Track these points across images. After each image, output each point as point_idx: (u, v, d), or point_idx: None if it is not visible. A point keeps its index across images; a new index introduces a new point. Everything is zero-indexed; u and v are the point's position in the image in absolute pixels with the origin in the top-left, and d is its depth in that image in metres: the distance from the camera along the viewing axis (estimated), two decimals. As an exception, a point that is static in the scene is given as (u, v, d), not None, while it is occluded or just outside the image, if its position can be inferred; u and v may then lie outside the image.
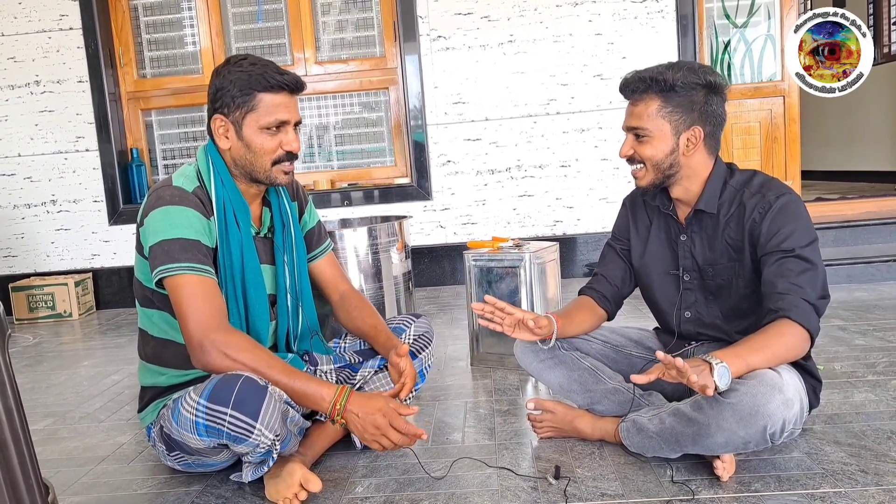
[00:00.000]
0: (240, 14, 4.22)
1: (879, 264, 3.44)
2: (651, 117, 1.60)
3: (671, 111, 1.59)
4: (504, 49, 3.95)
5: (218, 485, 1.66)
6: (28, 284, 3.95)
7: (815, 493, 1.42)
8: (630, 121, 1.64)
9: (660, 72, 1.58)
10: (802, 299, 1.47)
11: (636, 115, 1.62)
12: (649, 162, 1.63)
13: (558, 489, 1.52)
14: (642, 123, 1.61)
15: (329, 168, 4.36)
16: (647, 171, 1.65)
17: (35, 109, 4.11)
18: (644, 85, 1.60)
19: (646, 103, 1.60)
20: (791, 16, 3.97)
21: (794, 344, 1.47)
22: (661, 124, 1.59)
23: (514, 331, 1.70)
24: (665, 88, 1.58)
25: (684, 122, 1.60)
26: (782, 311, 1.47)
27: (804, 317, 1.46)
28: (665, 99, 1.58)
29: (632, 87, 1.63)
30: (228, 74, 1.59)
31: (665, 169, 1.63)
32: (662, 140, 1.60)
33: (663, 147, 1.61)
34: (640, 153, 1.63)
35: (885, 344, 2.42)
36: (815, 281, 1.51)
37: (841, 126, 6.59)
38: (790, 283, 1.49)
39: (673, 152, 1.61)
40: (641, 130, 1.61)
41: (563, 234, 4.03)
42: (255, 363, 1.48)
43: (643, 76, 1.60)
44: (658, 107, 1.59)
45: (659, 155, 1.61)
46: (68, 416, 2.28)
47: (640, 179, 1.67)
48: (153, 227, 1.55)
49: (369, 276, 2.75)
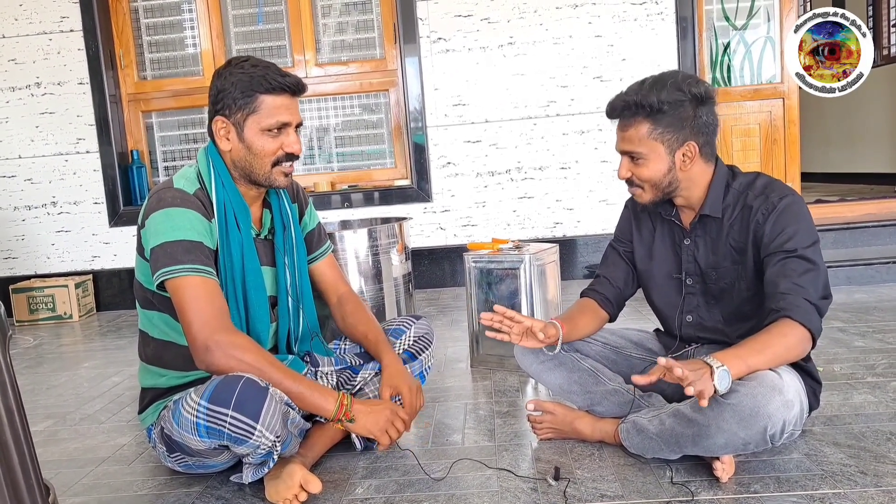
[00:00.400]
0: (240, 16, 4.23)
1: (879, 266, 3.44)
2: (643, 141, 1.58)
3: (662, 132, 1.57)
4: (504, 51, 3.96)
5: (218, 486, 1.66)
6: (28, 286, 3.95)
7: (815, 495, 1.42)
8: (623, 145, 1.63)
9: (644, 95, 1.56)
10: (804, 299, 1.47)
11: (628, 140, 1.61)
12: (647, 183, 1.63)
13: (558, 490, 1.52)
14: (635, 148, 1.60)
15: (329, 170, 4.37)
16: (645, 191, 1.64)
17: (36, 111, 4.11)
18: (630, 111, 1.58)
19: (636, 128, 1.59)
20: (791, 18, 3.98)
21: (794, 344, 1.47)
22: (654, 146, 1.58)
23: (521, 339, 1.68)
24: (652, 111, 1.56)
25: (677, 140, 1.58)
26: (784, 310, 1.48)
27: (806, 316, 1.46)
28: (654, 121, 1.57)
29: (618, 112, 1.61)
30: (230, 76, 1.60)
31: (664, 187, 1.63)
32: (658, 160, 1.59)
33: (660, 167, 1.60)
34: (637, 175, 1.63)
35: (884, 346, 2.42)
36: (817, 281, 1.51)
37: (841, 128, 6.60)
38: (792, 284, 1.49)
39: (670, 170, 1.60)
40: (635, 154, 1.60)
41: (563, 235, 4.04)
42: (259, 364, 1.48)
43: (628, 101, 1.58)
44: (648, 129, 1.57)
45: (657, 175, 1.61)
46: (69, 417, 2.29)
47: (641, 198, 1.67)
48: (154, 229, 1.55)
49: (369, 278, 2.75)
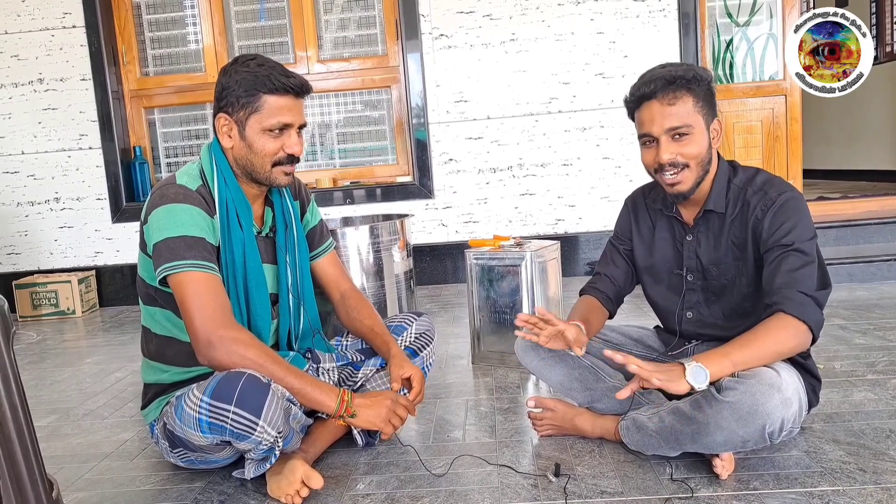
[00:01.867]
0: (242, 12, 4.23)
1: (880, 263, 3.44)
2: (691, 114, 1.58)
3: (702, 105, 1.59)
4: (506, 47, 3.96)
5: (220, 481, 1.67)
6: (31, 282, 3.96)
7: (814, 492, 1.43)
8: (669, 121, 1.58)
9: (683, 70, 1.58)
10: (799, 292, 1.47)
11: (675, 116, 1.57)
12: (695, 160, 1.59)
13: (558, 487, 1.53)
14: (686, 121, 1.57)
15: (331, 166, 4.37)
16: (689, 171, 1.60)
17: (38, 107, 4.12)
18: (675, 84, 1.57)
19: (683, 101, 1.57)
20: (793, 15, 3.97)
21: (786, 337, 1.47)
22: (698, 119, 1.59)
23: (549, 341, 1.66)
24: (694, 84, 1.57)
25: (710, 115, 1.61)
26: (776, 304, 1.48)
27: (799, 309, 1.46)
28: (695, 95, 1.58)
29: (660, 88, 1.58)
30: (235, 74, 1.60)
31: (705, 165, 1.62)
32: (702, 135, 1.60)
33: (703, 142, 1.60)
34: (684, 153, 1.59)
35: (885, 343, 2.42)
36: (814, 273, 1.50)
37: (843, 125, 6.59)
38: (788, 277, 1.49)
39: (709, 147, 1.61)
40: (685, 128, 1.57)
41: (565, 232, 4.04)
42: (262, 360, 1.49)
43: (672, 76, 1.57)
44: (693, 102, 1.58)
45: (703, 151, 1.60)
46: (72, 412, 2.30)
47: (683, 184, 1.61)
48: (157, 224, 1.55)
49: (371, 275, 2.76)
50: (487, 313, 2.48)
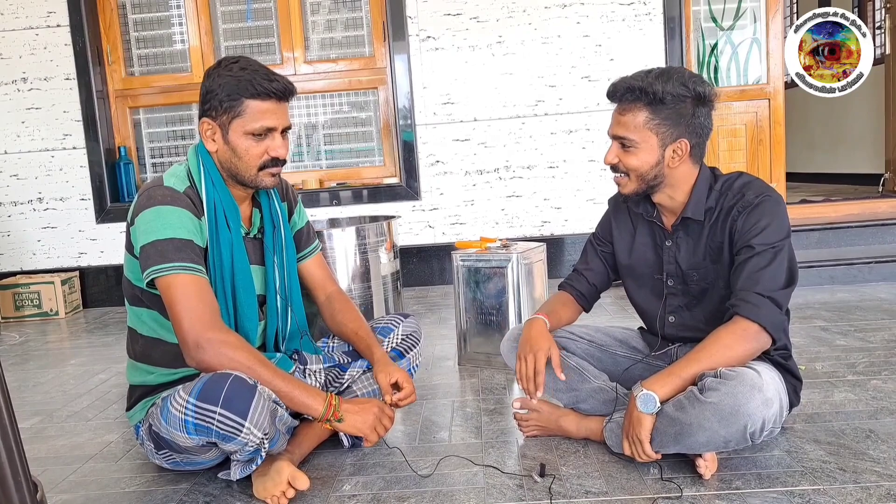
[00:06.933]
0: (229, 13, 4.22)
1: (861, 266, 3.49)
2: (638, 128, 1.57)
3: (658, 123, 1.56)
4: (493, 50, 3.97)
5: (206, 483, 1.67)
6: (14, 283, 3.93)
7: (795, 491, 1.45)
8: (616, 129, 1.61)
9: (649, 82, 1.54)
10: (755, 293, 1.50)
11: (623, 125, 1.59)
12: (633, 173, 1.61)
13: (543, 487, 1.54)
14: (629, 134, 1.58)
15: (318, 167, 4.37)
16: (630, 180, 1.63)
17: (22, 107, 4.09)
18: (633, 95, 1.56)
19: (633, 114, 1.57)
20: (777, 20, 4.02)
21: (736, 342, 1.49)
22: (647, 136, 1.57)
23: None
24: (654, 100, 1.54)
25: (671, 135, 1.57)
26: (732, 306, 1.52)
27: (753, 311, 1.49)
28: (653, 111, 1.55)
29: (620, 95, 1.59)
30: (218, 78, 1.59)
31: (649, 180, 1.62)
32: (648, 152, 1.58)
33: (649, 159, 1.58)
34: (625, 163, 1.61)
35: (865, 344, 2.46)
36: (778, 273, 1.52)
37: (825, 129, 6.67)
38: (748, 278, 1.52)
39: (658, 164, 1.59)
40: (627, 141, 1.59)
41: (551, 234, 4.06)
42: (249, 362, 1.49)
43: (632, 85, 1.56)
44: (646, 118, 1.56)
45: (644, 167, 1.59)
46: (55, 414, 2.28)
47: (623, 187, 1.66)
48: (145, 226, 1.55)
49: (358, 276, 2.76)
50: (474, 315, 2.49)
